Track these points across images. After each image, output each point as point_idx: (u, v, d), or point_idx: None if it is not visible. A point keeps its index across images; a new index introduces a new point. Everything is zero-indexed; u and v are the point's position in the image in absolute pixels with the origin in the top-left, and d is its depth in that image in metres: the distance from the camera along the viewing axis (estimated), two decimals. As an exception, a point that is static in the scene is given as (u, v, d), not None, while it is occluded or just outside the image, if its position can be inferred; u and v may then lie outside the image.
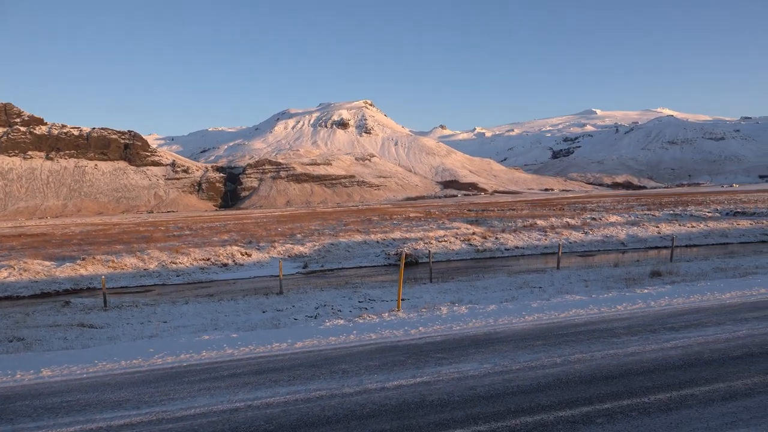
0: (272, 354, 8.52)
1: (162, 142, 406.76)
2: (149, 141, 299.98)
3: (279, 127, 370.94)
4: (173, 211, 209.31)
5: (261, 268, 26.38)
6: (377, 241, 32.64)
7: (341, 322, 10.71)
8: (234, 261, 26.89)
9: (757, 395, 5.86)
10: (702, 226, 35.36)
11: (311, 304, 14.38)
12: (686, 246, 30.04)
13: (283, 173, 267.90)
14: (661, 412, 5.44)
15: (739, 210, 47.41)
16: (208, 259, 26.65)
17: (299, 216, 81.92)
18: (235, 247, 29.21)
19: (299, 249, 29.68)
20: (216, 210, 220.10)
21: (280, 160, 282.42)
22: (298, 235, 36.90)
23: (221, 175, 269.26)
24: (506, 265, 24.96)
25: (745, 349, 7.64)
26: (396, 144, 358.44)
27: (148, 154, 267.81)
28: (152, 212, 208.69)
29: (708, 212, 46.68)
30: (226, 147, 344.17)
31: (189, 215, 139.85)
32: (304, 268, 25.96)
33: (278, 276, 18.56)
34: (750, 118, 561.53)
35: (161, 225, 69.75)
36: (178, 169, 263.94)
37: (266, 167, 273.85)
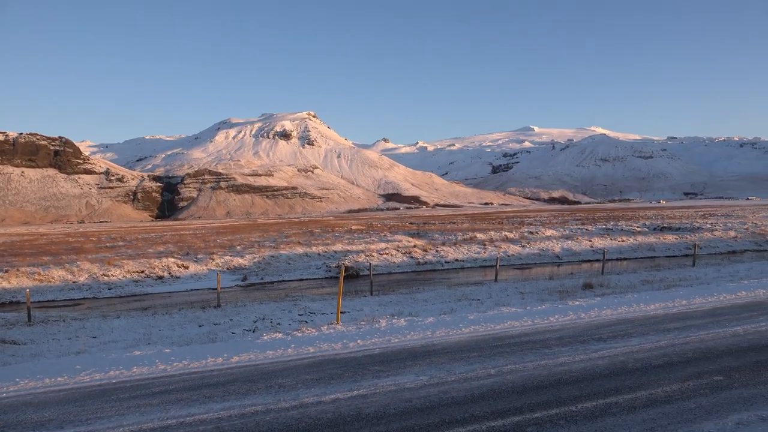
0: (207, 369, 8.34)
1: (95, 149, 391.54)
2: (81, 148, 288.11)
3: (220, 137, 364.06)
4: (106, 222, 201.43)
5: (198, 280, 25.75)
6: (319, 254, 32.47)
7: (279, 335, 10.59)
8: (170, 273, 26.12)
9: (675, 402, 6.18)
10: (631, 240, 36.94)
11: (250, 318, 14.15)
12: (617, 259, 31.31)
13: (223, 184, 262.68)
14: (588, 419, 5.66)
15: (665, 225, 49.87)
16: (143, 272, 25.80)
17: (239, 227, 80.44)
18: (172, 259, 28.40)
19: (239, 261, 29.16)
20: (152, 220, 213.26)
21: (221, 170, 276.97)
22: (238, 247, 36.26)
23: (158, 184, 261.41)
24: (446, 278, 25.31)
25: (666, 358, 8.05)
26: (339, 156, 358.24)
27: (80, 161, 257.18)
28: (83, 222, 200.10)
29: (637, 227, 48.85)
30: (163, 156, 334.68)
31: (123, 226, 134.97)
32: (243, 280, 25.51)
33: (216, 289, 18.17)
34: (676, 138, 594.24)
35: (93, 236, 66.97)
36: (113, 178, 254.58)
37: (206, 177, 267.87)
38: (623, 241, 36.75)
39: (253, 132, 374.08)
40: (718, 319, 10.75)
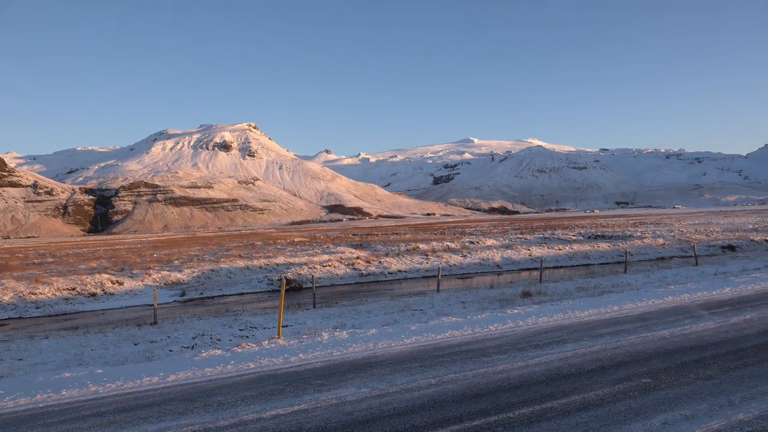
0: (142, 389, 8.06)
1: (22, 161, 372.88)
2: (6, 160, 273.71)
3: (156, 148, 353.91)
4: (34, 237, 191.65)
5: (134, 297, 24.86)
6: (261, 267, 31.99)
7: (219, 352, 10.37)
8: (104, 290, 25.12)
9: (607, 404, 6.43)
10: (568, 248, 38.17)
11: (188, 334, 13.77)
12: (554, 267, 32.26)
13: (160, 196, 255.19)
14: (524, 425, 5.81)
15: (599, 234, 51.77)
16: (74, 289, 24.70)
17: (177, 241, 78.26)
18: (105, 275, 27.33)
19: (177, 276, 28.36)
20: (84, 235, 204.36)
21: (158, 183, 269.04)
22: (176, 262, 35.27)
23: (91, 197, 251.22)
24: (389, 289, 25.41)
25: (599, 362, 8.36)
26: (281, 168, 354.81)
27: (5, 174, 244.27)
28: (9, 238, 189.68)
29: (573, 236, 50.51)
30: (96, 168, 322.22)
31: (53, 241, 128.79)
32: (182, 296, 24.81)
33: (153, 305, 17.60)
34: (608, 149, 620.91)
35: (19, 252, 63.60)
36: (41, 191, 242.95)
37: (142, 190, 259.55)
38: (560, 249, 37.91)
39: (191, 143, 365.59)
40: (647, 324, 11.25)
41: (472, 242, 44.41)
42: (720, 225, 61.93)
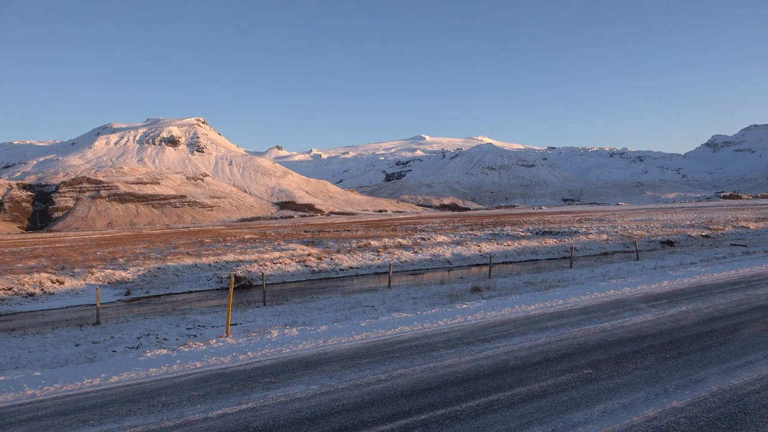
0: (83, 391, 7.79)
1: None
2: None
3: (100, 142, 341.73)
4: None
5: (76, 296, 23.99)
6: (209, 264, 31.40)
7: (164, 351, 10.12)
8: (43, 290, 24.14)
9: (551, 395, 6.61)
10: (516, 244, 38.96)
11: (133, 334, 13.39)
12: (503, 263, 32.87)
13: (104, 192, 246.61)
14: (471, 418, 5.92)
15: (546, 230, 53.08)
16: (10, 289, 23.64)
17: (122, 239, 75.91)
18: (44, 274, 26.26)
19: (121, 274, 27.52)
20: (22, 233, 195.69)
21: (101, 178, 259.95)
22: (121, 260, 34.22)
23: (29, 193, 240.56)
24: (341, 286, 25.37)
25: (544, 354, 8.59)
26: (231, 164, 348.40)
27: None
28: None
29: (521, 232, 51.61)
30: (35, 162, 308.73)
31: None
32: (126, 295, 24.09)
33: (96, 305, 17.02)
34: (555, 148, 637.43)
35: (-49, 251, 60.40)
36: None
37: (84, 186, 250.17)
38: (509, 245, 38.67)
39: (137, 138, 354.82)
40: (590, 317, 11.61)
41: (423, 239, 44.79)
42: (660, 221, 64.46)
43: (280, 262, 30.53)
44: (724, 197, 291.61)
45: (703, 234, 42.81)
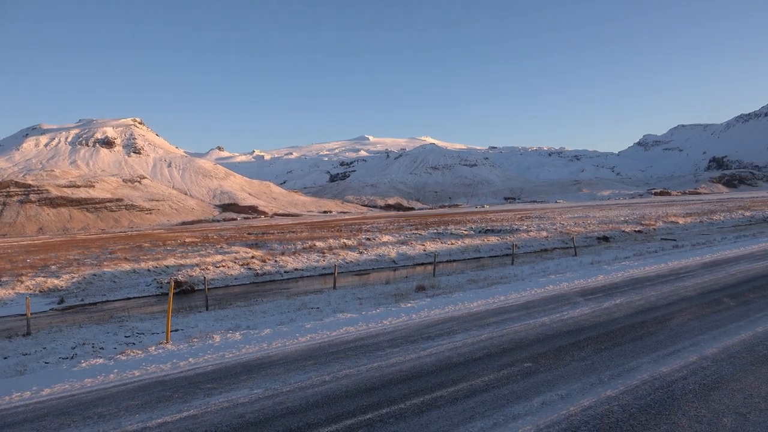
0: (12, 406, 7.42)
1: None
2: None
3: (28, 144, 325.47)
4: None
5: (3, 307, 22.79)
6: (149, 269, 30.46)
7: (101, 361, 9.76)
8: (-33, 301, 22.81)
9: (492, 390, 6.76)
10: (460, 243, 39.57)
11: (67, 344, 12.85)
12: (447, 261, 33.33)
13: (33, 196, 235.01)
14: (415, 415, 5.98)
15: (489, 228, 54.15)
16: (-69, 301, 22.23)
17: (55, 245, 72.60)
18: (-31, 284, 24.83)
19: (54, 282, 26.34)
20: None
21: (30, 182, 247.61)
22: (53, 267, 32.75)
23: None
24: (286, 288, 25.13)
25: (486, 350, 8.77)
26: (170, 165, 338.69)
27: None
28: None
29: (465, 230, 52.44)
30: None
31: None
32: (60, 303, 23.07)
33: (26, 315, 16.23)
34: (496, 147, 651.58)
35: None
36: None
37: (12, 190, 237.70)
38: (453, 244, 39.23)
39: (69, 139, 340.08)
40: (530, 312, 11.93)
41: (368, 239, 44.88)
42: (596, 218, 66.84)
43: (223, 266, 29.96)
44: (655, 194, 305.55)
45: (636, 229, 44.70)
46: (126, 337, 13.67)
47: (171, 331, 12.72)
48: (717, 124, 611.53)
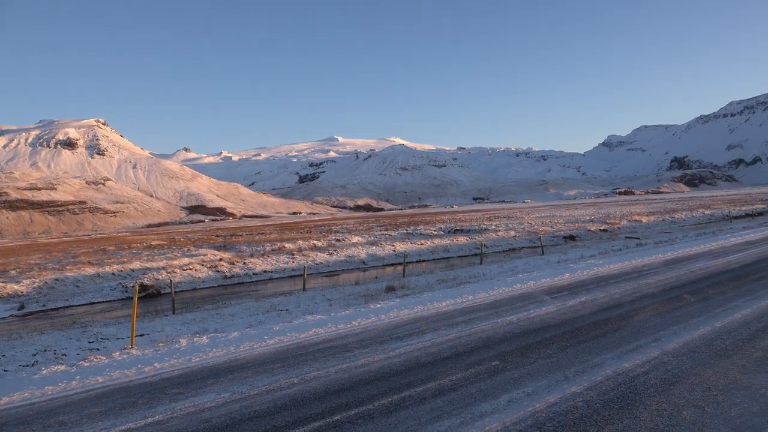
0: (-32, 416, 7.18)
1: None
2: None
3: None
4: None
5: (-40, 313, 22.05)
6: (113, 273, 29.84)
7: (62, 367, 9.51)
8: None
9: (460, 389, 6.82)
10: (429, 243, 39.77)
11: (28, 351, 12.50)
12: (417, 261, 33.45)
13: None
14: (383, 415, 5.99)
15: (458, 228, 54.55)
16: None
17: (14, 249, 70.52)
18: (-77, 291, 23.97)
19: (14, 287, 25.59)
20: None
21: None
22: (12, 272, 31.81)
23: None
24: (255, 290, 24.91)
25: (454, 349, 8.83)
26: (135, 167, 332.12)
27: None
28: None
29: (434, 231, 52.73)
30: None
31: None
32: (20, 309, 22.43)
33: (-17, 322, 15.74)
34: (464, 148, 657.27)
35: None
36: None
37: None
38: (422, 244, 39.41)
39: (29, 140, 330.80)
40: (498, 311, 12.06)
41: (338, 240, 44.78)
42: (563, 217, 67.95)
43: (191, 269, 29.54)
44: (620, 193, 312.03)
45: (602, 228, 45.58)
46: (89, 342, 13.36)
47: (136, 336, 12.49)
48: (678, 124, 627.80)
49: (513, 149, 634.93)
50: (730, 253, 20.61)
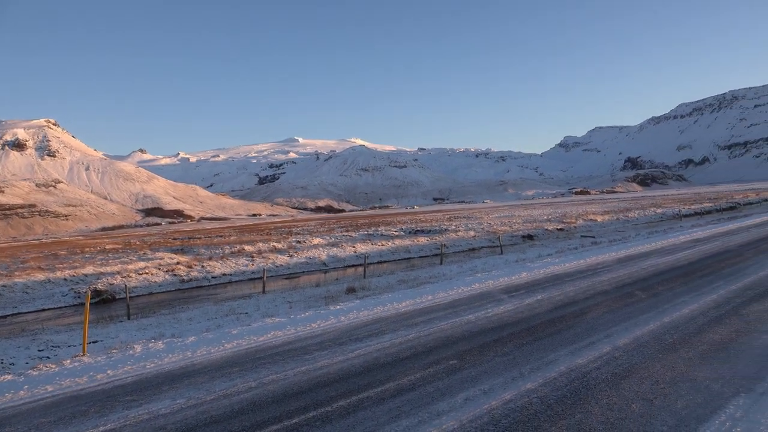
0: None
1: None
2: None
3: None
4: None
5: None
6: (65, 279, 28.92)
7: (9, 377, 9.18)
8: None
9: (419, 388, 6.87)
10: (390, 244, 39.87)
11: (-28, 362, 12.01)
12: (378, 262, 33.51)
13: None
14: (341, 417, 5.99)
15: (418, 229, 54.87)
16: None
17: (-40, 255, 67.60)
18: None
19: (-42, 295, 24.55)
20: None
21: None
22: (-43, 279, 30.49)
23: None
24: (213, 294, 24.55)
25: (413, 349, 8.89)
26: (88, 169, 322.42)
27: None
28: None
29: (395, 232, 52.90)
30: None
31: None
32: (-36, 317, 21.53)
33: (-76, 331, 15.04)
34: (425, 149, 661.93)
35: None
36: None
37: None
38: (383, 245, 39.49)
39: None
40: (457, 310, 12.19)
41: (298, 242, 44.48)
42: (521, 217, 69.11)
43: (147, 273, 28.89)
44: (576, 193, 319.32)
45: (558, 227, 46.54)
46: (39, 350, 12.93)
47: (89, 343, 12.16)
48: (631, 126, 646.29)
49: (473, 150, 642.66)
50: (679, 250, 21.34)
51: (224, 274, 30.00)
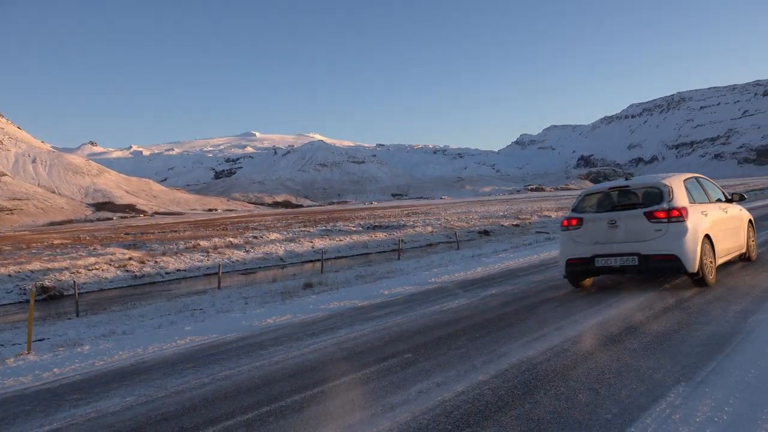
0: None
1: None
2: None
3: None
4: None
5: None
6: (9, 275, 27.89)
7: (-52, 377, 8.82)
8: None
9: (373, 382, 6.90)
10: (348, 239, 39.92)
11: None
12: (336, 258, 33.50)
13: None
14: (296, 411, 5.99)
15: (377, 224, 55.05)
16: None
17: None
18: None
19: None
20: None
21: None
22: None
23: None
24: (167, 290, 24.13)
25: (369, 344, 8.94)
26: (34, 161, 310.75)
27: None
28: None
29: (353, 227, 52.91)
30: None
31: None
32: None
33: None
34: (383, 145, 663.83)
35: None
36: None
37: None
38: (341, 240, 39.50)
39: None
40: (412, 305, 12.31)
41: (255, 237, 44.02)
42: (478, 213, 70.04)
43: (97, 268, 28.14)
44: (531, 190, 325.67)
45: (514, 223, 47.42)
46: (-19, 349, 12.47)
47: (35, 341, 11.80)
48: (585, 125, 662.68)
49: (431, 147, 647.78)
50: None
51: (179, 270, 29.51)
